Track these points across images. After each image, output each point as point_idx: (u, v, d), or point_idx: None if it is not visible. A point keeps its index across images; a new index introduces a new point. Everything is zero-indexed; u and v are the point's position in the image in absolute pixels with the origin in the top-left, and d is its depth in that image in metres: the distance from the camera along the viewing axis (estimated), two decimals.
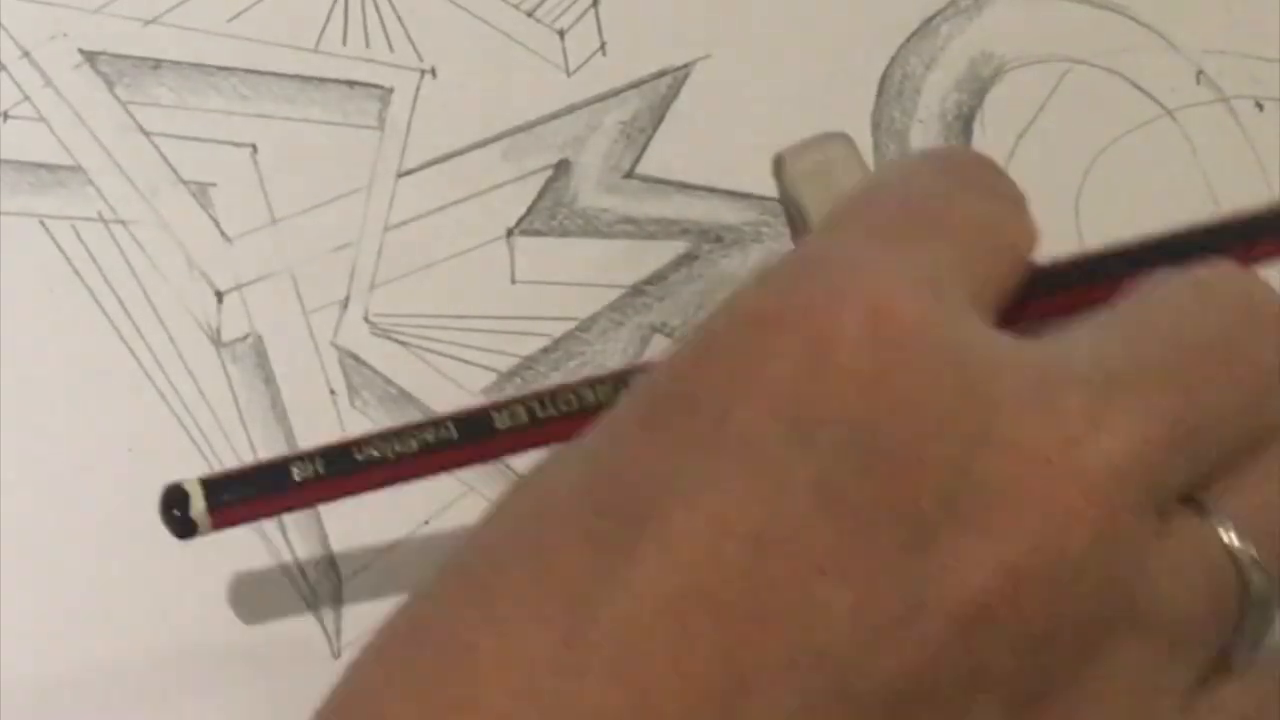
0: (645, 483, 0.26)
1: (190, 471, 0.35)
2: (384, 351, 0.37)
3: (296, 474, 0.31)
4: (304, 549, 0.35)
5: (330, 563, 0.35)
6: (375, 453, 0.31)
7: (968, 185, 0.30)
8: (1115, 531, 0.26)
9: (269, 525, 0.35)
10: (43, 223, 0.38)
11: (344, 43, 0.39)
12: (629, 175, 0.39)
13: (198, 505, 0.30)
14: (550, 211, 0.38)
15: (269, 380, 0.36)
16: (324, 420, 0.36)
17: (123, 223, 0.38)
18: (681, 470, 0.26)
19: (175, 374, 0.36)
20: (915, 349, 0.26)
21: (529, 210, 0.38)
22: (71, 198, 0.38)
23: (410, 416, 0.36)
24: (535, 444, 0.31)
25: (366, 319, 0.37)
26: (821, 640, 0.25)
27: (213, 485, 0.31)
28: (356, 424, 0.36)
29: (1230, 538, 0.27)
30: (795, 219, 0.34)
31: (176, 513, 0.30)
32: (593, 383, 0.31)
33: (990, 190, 0.30)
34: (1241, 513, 0.28)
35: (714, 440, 0.26)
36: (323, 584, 0.35)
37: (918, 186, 0.30)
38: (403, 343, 0.37)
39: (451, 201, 0.38)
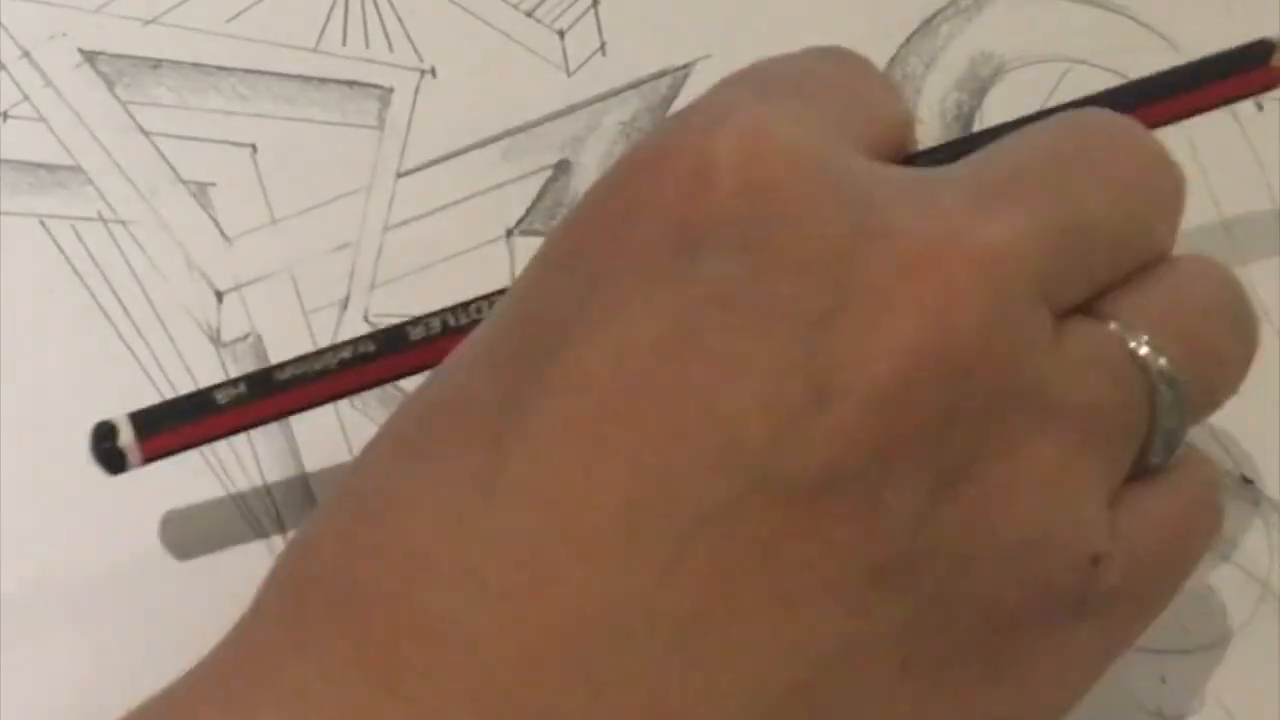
0: (550, 318, 0.27)
1: (193, 471, 0.35)
2: None
3: (220, 397, 0.32)
4: None
5: None
6: (297, 371, 0.32)
7: (843, 65, 0.31)
8: (1005, 311, 0.26)
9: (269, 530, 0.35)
10: (42, 223, 0.38)
11: (344, 43, 0.39)
12: None
13: (125, 436, 0.31)
14: (550, 212, 0.38)
15: None
16: (323, 421, 0.36)
17: (122, 223, 0.38)
18: (583, 299, 0.27)
19: (175, 374, 0.36)
20: (793, 165, 0.27)
21: (529, 210, 0.38)
22: (71, 198, 0.38)
23: None
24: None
25: (366, 319, 0.37)
26: (734, 438, 0.25)
27: (139, 416, 0.31)
28: (356, 424, 0.36)
29: (1132, 339, 0.28)
30: None
31: (106, 444, 0.31)
32: (504, 292, 0.32)
33: (866, 72, 0.31)
34: (1139, 318, 0.28)
35: (609, 266, 0.27)
36: None
37: (796, 61, 0.31)
38: None
39: (451, 201, 0.38)
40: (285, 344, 0.37)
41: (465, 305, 0.33)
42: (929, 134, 0.39)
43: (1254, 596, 0.35)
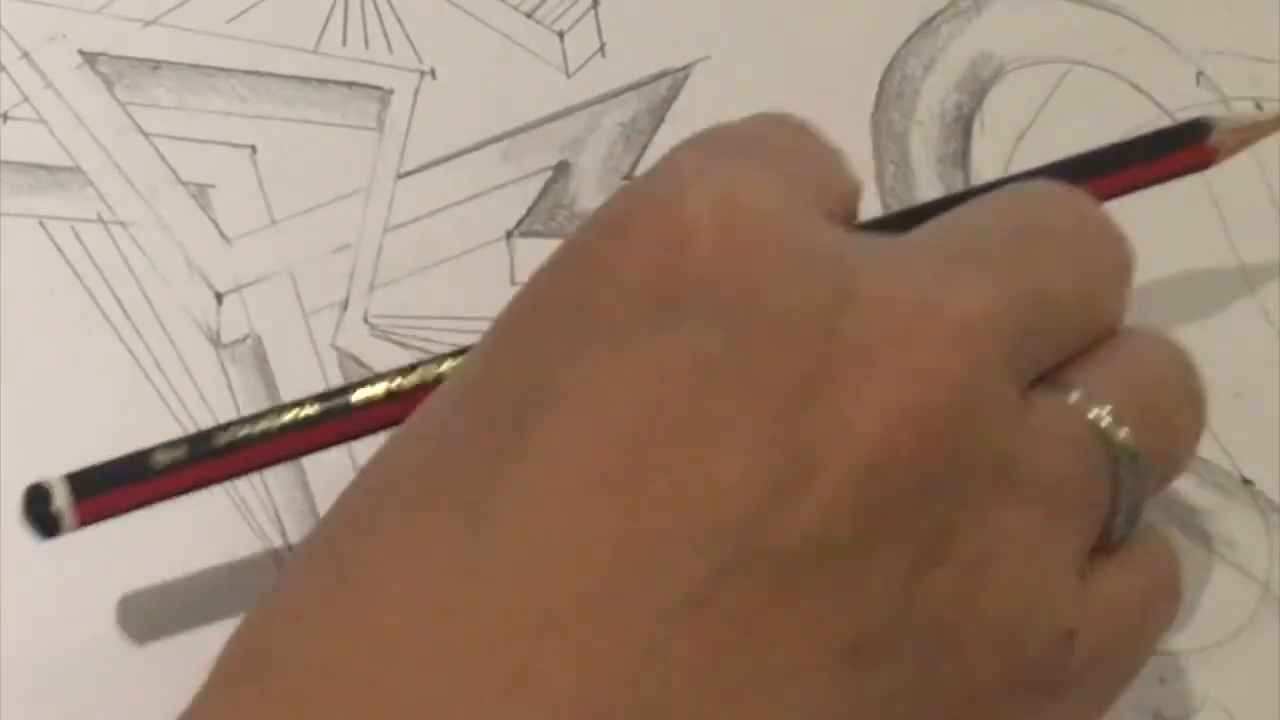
0: (523, 384, 0.26)
1: None
2: (384, 353, 0.37)
3: (158, 461, 0.31)
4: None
5: None
6: (238, 434, 0.31)
7: (799, 133, 0.31)
8: (982, 382, 0.26)
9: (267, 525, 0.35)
10: (42, 224, 0.38)
11: (343, 44, 0.39)
12: (629, 177, 0.39)
13: (60, 498, 0.30)
14: (550, 213, 0.38)
15: (269, 382, 0.36)
16: None
17: (122, 224, 0.38)
18: (557, 366, 0.26)
19: (175, 375, 0.36)
20: (767, 227, 0.27)
21: (529, 212, 0.38)
22: (71, 199, 0.38)
23: None
24: (397, 419, 0.30)
25: (366, 320, 0.37)
26: (719, 511, 0.25)
27: (75, 479, 0.30)
28: None
29: (1093, 411, 0.28)
30: None
31: (38, 510, 0.30)
32: (451, 355, 0.32)
33: (819, 141, 0.31)
34: (1100, 389, 0.28)
35: (585, 330, 0.26)
36: None
37: (752, 126, 0.31)
38: (402, 344, 0.37)
39: (451, 203, 0.38)
40: (285, 345, 0.37)
41: (411, 368, 0.32)
42: (929, 135, 0.39)
43: (1254, 597, 0.35)
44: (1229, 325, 0.37)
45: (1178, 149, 0.34)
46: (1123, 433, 0.28)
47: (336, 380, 0.36)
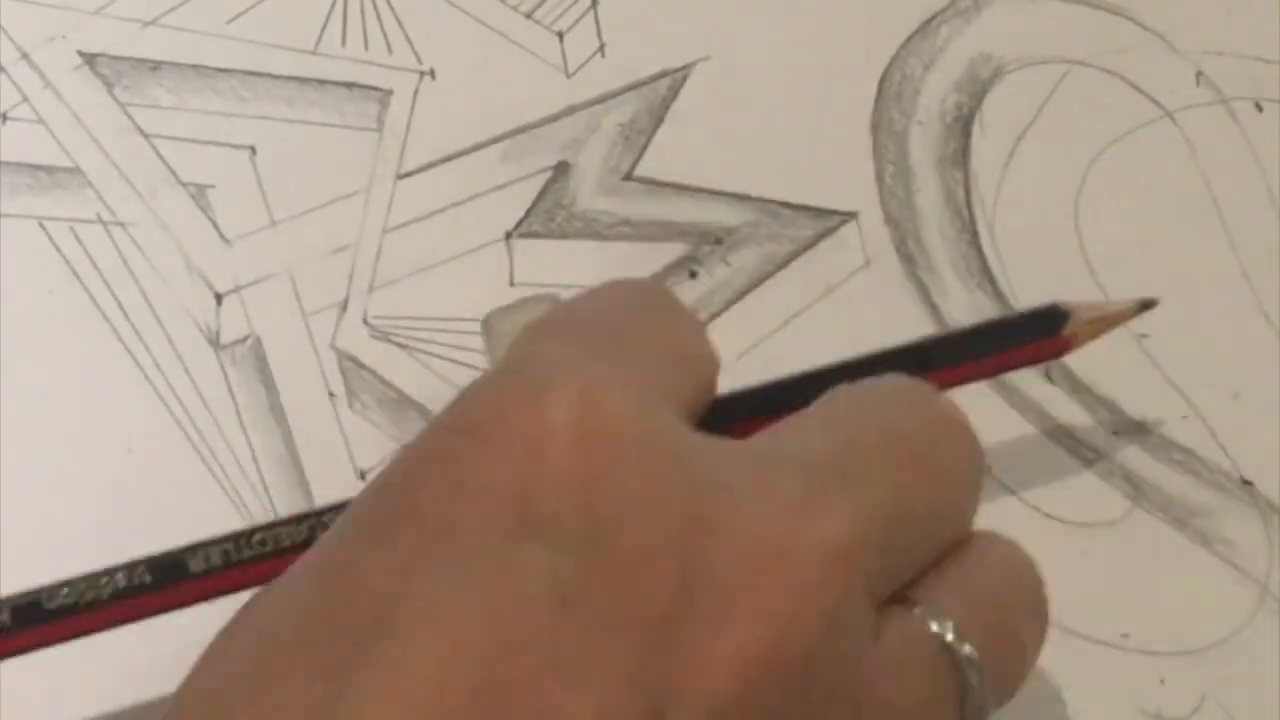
0: (373, 604, 0.25)
1: (190, 474, 0.35)
2: (383, 354, 0.37)
3: None
4: None
5: None
6: (66, 599, 0.30)
7: (654, 309, 0.31)
8: (841, 614, 0.26)
9: None
10: (41, 224, 0.38)
11: (343, 45, 0.39)
12: (628, 177, 0.39)
13: None
14: (549, 214, 0.38)
15: (268, 383, 0.36)
16: (323, 423, 0.36)
17: (121, 224, 0.38)
18: (405, 584, 0.25)
19: (174, 376, 0.36)
20: (625, 448, 0.26)
21: (528, 212, 0.38)
22: (70, 199, 0.38)
23: (410, 420, 0.36)
24: (233, 586, 0.30)
25: (365, 321, 0.37)
26: None
27: None
28: (356, 427, 0.36)
29: (941, 630, 0.28)
30: None
31: None
32: (289, 521, 0.31)
33: (677, 315, 0.31)
34: (946, 604, 0.28)
35: (442, 553, 0.25)
36: None
37: (609, 306, 0.30)
38: (402, 345, 0.37)
39: (450, 204, 0.38)
40: (284, 346, 0.37)
41: (248, 535, 0.31)
42: (929, 135, 0.39)
43: (1253, 598, 0.35)
44: (1229, 325, 0.37)
45: (1033, 339, 0.33)
46: (967, 648, 0.28)
47: (336, 381, 0.36)
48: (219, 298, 0.37)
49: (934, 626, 0.28)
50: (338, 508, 0.30)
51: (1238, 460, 0.36)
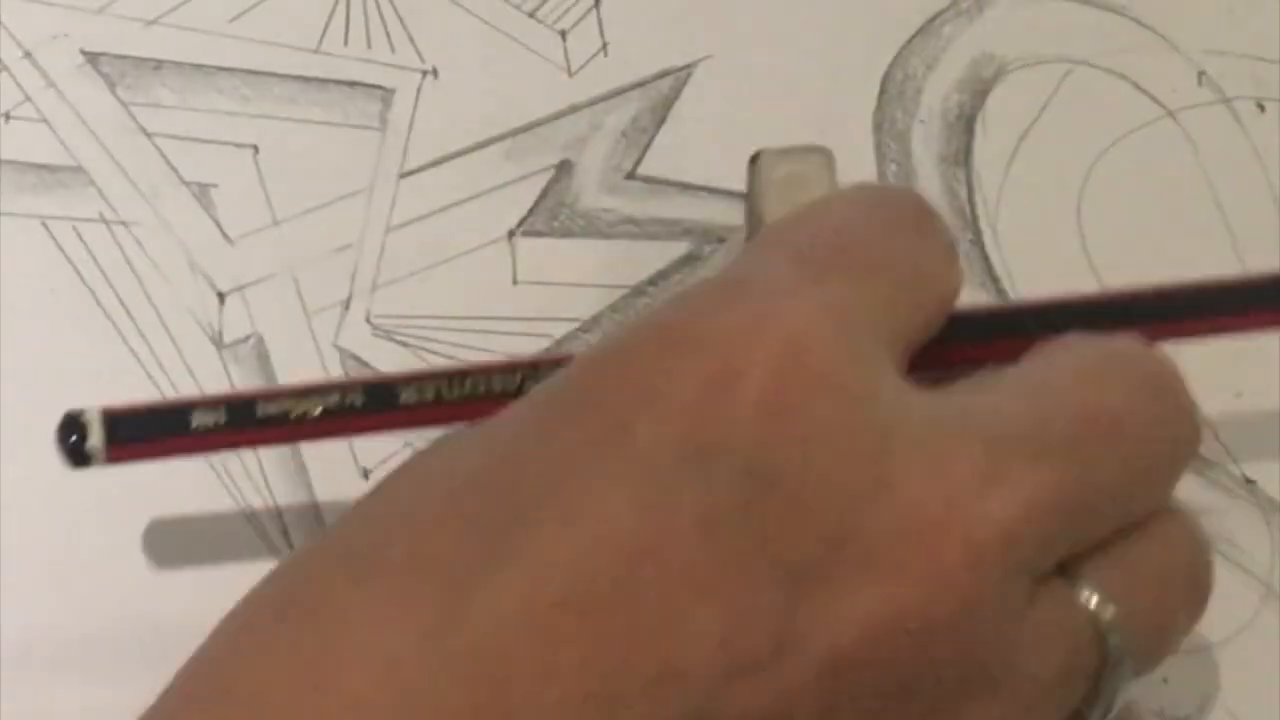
0: (537, 479, 0.26)
1: (193, 473, 0.35)
2: (386, 353, 0.37)
3: (195, 421, 0.31)
4: None
5: None
6: (277, 410, 0.31)
7: (903, 227, 0.30)
8: (986, 599, 0.26)
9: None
10: (44, 223, 0.38)
11: (345, 44, 0.39)
12: (631, 176, 0.39)
13: (95, 437, 0.31)
14: (552, 212, 0.38)
15: (271, 382, 0.36)
16: None
17: (124, 224, 0.38)
18: (574, 473, 0.26)
19: (177, 375, 0.36)
20: (820, 391, 0.26)
21: (530, 211, 0.38)
22: (73, 198, 0.38)
23: None
24: (437, 421, 0.31)
25: (368, 320, 0.37)
26: (686, 664, 0.25)
27: (112, 420, 0.31)
28: None
29: (1096, 609, 0.28)
30: (752, 222, 0.34)
31: (74, 440, 0.31)
32: (503, 369, 0.31)
33: (924, 235, 0.30)
34: (1111, 587, 0.28)
35: (610, 450, 0.26)
36: None
37: (853, 221, 0.30)
38: (404, 344, 0.37)
39: (453, 202, 0.38)
40: (287, 345, 0.37)
41: (460, 376, 0.31)
42: (931, 134, 0.39)
43: (1256, 597, 0.35)
44: None
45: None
46: (1117, 638, 0.28)
47: None
48: (222, 297, 0.37)
49: (1092, 604, 0.28)
50: (555, 360, 0.31)
51: (1240, 460, 0.36)
